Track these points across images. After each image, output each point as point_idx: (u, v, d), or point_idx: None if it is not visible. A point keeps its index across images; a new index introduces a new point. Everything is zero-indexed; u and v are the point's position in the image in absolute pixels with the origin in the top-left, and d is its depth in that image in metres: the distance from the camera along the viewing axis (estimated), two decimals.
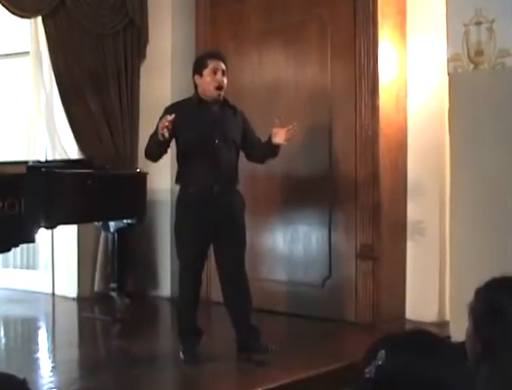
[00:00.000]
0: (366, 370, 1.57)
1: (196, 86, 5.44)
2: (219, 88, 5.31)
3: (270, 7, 7.14)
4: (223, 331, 5.86)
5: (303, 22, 6.89)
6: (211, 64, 5.33)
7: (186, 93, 7.55)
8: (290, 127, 5.35)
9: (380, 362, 1.56)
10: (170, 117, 5.02)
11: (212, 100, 5.36)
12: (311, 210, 6.85)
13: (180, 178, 5.47)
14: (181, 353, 5.33)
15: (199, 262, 5.37)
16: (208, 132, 5.29)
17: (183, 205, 5.41)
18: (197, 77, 5.40)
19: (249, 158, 5.66)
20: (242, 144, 5.50)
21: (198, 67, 5.41)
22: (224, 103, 5.44)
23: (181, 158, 5.43)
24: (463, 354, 2.24)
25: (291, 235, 6.94)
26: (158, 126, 5.16)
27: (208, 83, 5.31)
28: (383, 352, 1.57)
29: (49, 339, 6.61)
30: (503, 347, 2.22)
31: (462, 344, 2.39)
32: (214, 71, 5.31)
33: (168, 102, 7.58)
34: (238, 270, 5.45)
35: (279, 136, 5.35)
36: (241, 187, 5.62)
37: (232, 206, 5.40)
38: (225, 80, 5.35)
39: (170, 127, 5.02)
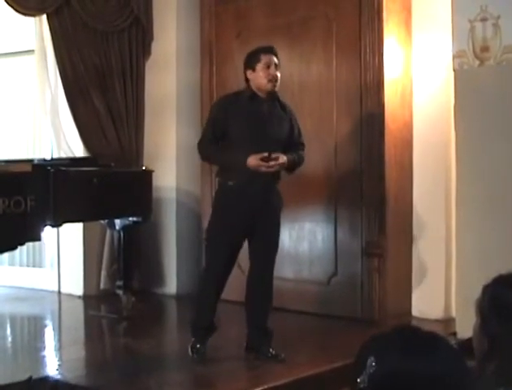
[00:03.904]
0: (359, 380, 1.55)
1: (247, 81, 5.39)
2: (274, 81, 5.29)
3: (274, 4, 7.14)
4: (230, 329, 5.87)
5: (308, 19, 6.89)
6: (264, 58, 5.30)
7: (191, 90, 7.61)
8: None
9: (371, 370, 1.54)
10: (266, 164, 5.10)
11: (265, 94, 5.32)
12: (317, 207, 6.84)
13: (221, 172, 5.40)
14: (189, 350, 5.33)
15: (231, 258, 5.33)
16: (258, 129, 5.24)
17: (220, 199, 5.39)
18: (249, 72, 5.34)
19: None
20: (285, 145, 5.41)
21: (251, 62, 5.35)
22: (276, 99, 5.40)
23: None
24: (468, 350, 2.23)
25: (297, 232, 6.94)
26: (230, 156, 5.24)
27: (261, 77, 5.27)
28: (372, 358, 1.55)
29: (56, 337, 6.61)
30: (510, 344, 2.21)
31: (468, 340, 2.38)
32: (268, 66, 5.28)
33: (173, 99, 7.66)
34: (266, 273, 5.39)
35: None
36: None
37: (271, 205, 5.34)
38: (278, 74, 5.32)
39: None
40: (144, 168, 7.10)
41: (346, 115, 6.67)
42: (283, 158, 5.19)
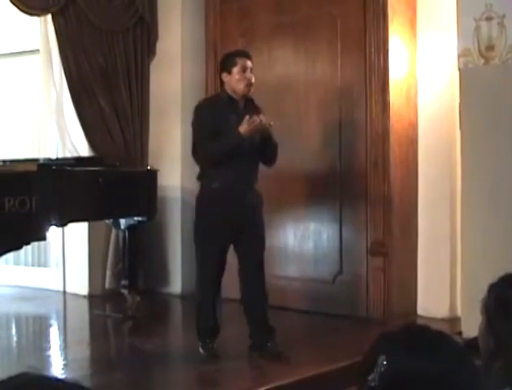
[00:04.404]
0: (369, 378, 1.55)
1: (222, 83, 5.46)
2: (249, 85, 5.36)
3: (279, 3, 7.13)
4: (235, 328, 5.86)
5: (313, 18, 6.88)
6: (240, 62, 5.37)
7: (196, 89, 7.60)
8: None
9: (383, 369, 1.54)
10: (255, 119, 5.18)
11: (240, 97, 5.40)
12: (322, 206, 6.84)
13: (203, 175, 5.48)
14: (200, 349, 5.35)
15: (221, 259, 5.38)
16: (236, 131, 5.30)
17: (204, 202, 5.42)
18: (225, 75, 5.42)
19: (261, 160, 5.63)
20: (260, 146, 5.49)
21: (227, 65, 5.43)
22: (250, 102, 5.47)
23: None
24: (474, 349, 2.22)
25: (302, 231, 6.94)
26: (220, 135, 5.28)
27: (237, 80, 5.35)
28: (383, 357, 1.55)
29: (61, 336, 6.62)
30: None
31: (474, 339, 2.38)
32: (243, 69, 5.36)
33: (178, 99, 7.66)
34: (258, 270, 5.46)
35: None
36: None
37: (253, 205, 5.42)
38: (253, 78, 5.39)
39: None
40: (149, 168, 7.11)
41: (351, 115, 6.66)
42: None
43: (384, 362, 1.53)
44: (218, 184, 5.31)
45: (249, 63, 5.40)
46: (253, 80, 5.38)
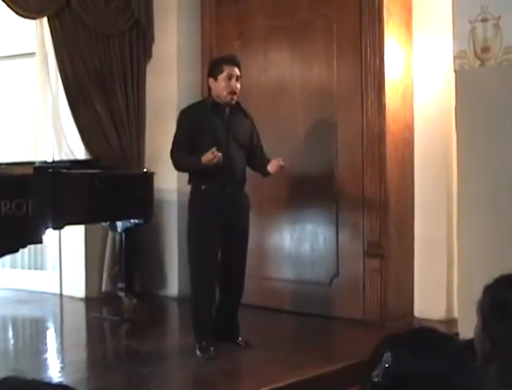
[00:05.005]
0: (374, 373, 1.56)
1: (210, 89, 5.54)
2: (233, 93, 5.40)
3: (275, 6, 7.13)
4: None
5: (309, 20, 6.88)
6: (227, 70, 5.43)
7: (192, 92, 7.59)
8: (283, 164, 5.54)
9: (387, 365, 1.55)
10: (216, 154, 5.19)
11: (225, 103, 5.45)
12: (318, 208, 6.84)
13: (193, 178, 5.55)
14: (198, 351, 5.35)
15: (214, 259, 5.45)
16: (222, 134, 5.40)
17: (195, 204, 5.51)
18: (211, 80, 5.51)
19: (248, 164, 5.70)
20: (247, 148, 5.60)
21: (213, 71, 5.50)
22: (237, 106, 5.53)
23: None
24: (470, 350, 2.23)
25: (298, 233, 6.94)
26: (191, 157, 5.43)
27: (222, 88, 5.42)
28: (389, 354, 1.56)
29: (58, 339, 6.61)
30: (511, 344, 2.21)
31: (470, 341, 2.38)
32: (229, 77, 5.42)
33: (175, 102, 7.66)
34: (239, 270, 5.59)
35: (272, 167, 5.54)
36: (248, 186, 5.66)
37: (242, 208, 5.54)
38: (239, 86, 5.46)
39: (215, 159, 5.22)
40: (145, 170, 7.10)
41: (347, 116, 6.66)
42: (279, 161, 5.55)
43: (390, 359, 1.54)
44: (208, 186, 5.40)
45: (236, 71, 5.46)
46: (238, 89, 5.45)
